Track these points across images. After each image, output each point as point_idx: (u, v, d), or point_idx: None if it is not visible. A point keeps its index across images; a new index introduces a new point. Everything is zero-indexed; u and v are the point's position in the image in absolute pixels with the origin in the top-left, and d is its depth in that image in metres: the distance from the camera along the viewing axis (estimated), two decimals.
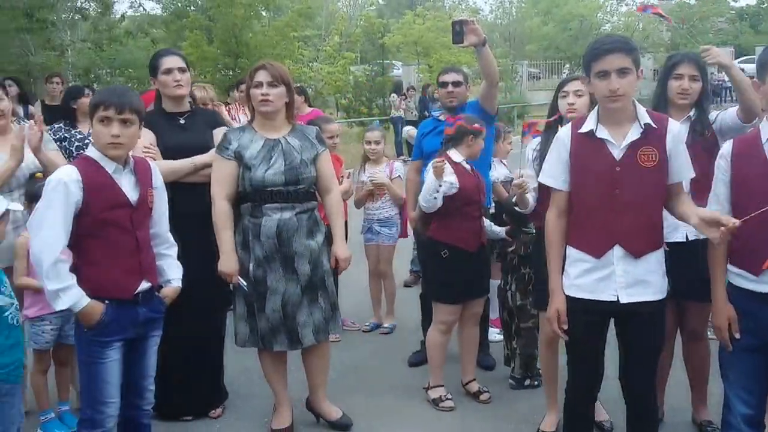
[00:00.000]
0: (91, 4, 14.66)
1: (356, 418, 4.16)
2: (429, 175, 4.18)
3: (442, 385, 4.45)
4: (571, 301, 3.11)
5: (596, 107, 3.11)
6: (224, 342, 4.38)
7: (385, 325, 5.88)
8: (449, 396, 4.41)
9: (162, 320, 3.27)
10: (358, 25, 25.45)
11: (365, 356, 5.30)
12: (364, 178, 5.81)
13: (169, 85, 4.11)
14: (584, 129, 3.06)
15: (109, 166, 3.05)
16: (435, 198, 4.15)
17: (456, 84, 4.89)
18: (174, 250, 3.36)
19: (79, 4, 14.37)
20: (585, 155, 3.06)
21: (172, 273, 3.33)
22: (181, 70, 4.13)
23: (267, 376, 4.10)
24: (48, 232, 2.94)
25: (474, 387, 4.53)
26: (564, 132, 3.17)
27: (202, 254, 3.82)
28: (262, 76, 3.83)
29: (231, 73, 16.11)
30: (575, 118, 3.35)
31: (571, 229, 3.14)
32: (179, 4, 19.49)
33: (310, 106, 7.03)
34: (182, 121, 4.18)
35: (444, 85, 4.92)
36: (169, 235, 3.35)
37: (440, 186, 4.13)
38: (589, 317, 3.09)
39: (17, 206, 3.37)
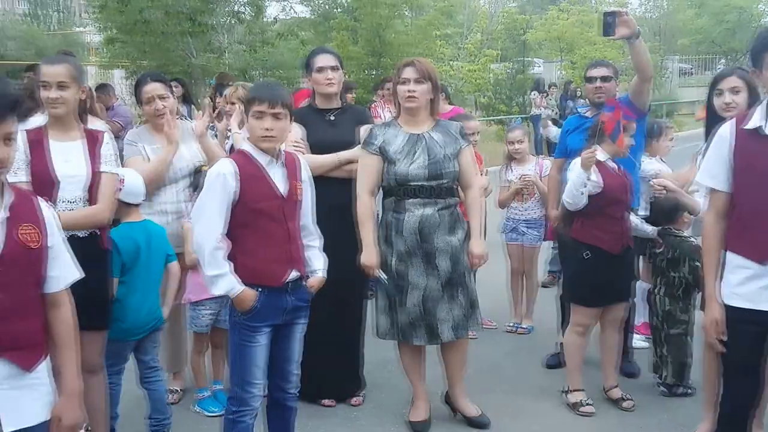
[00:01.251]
0: (246, 8, 15.35)
1: (492, 417, 4.16)
2: (575, 169, 4.09)
3: (582, 390, 4.37)
4: (730, 310, 2.96)
5: (765, 101, 2.91)
6: (364, 333, 4.50)
7: (524, 325, 5.84)
8: (589, 401, 4.32)
9: (308, 309, 3.39)
10: (500, 21, 25.20)
11: (502, 355, 5.29)
12: (511, 178, 5.78)
13: (320, 83, 4.28)
14: (750, 125, 2.89)
15: (263, 159, 3.20)
16: (582, 193, 4.05)
17: (605, 79, 4.76)
18: (318, 242, 3.47)
19: (235, 8, 15.08)
20: (751, 154, 2.88)
21: (317, 264, 3.44)
22: (333, 69, 4.28)
23: (405, 369, 4.19)
24: (207, 221, 3.13)
25: (616, 393, 4.41)
26: (726, 128, 2.98)
27: (344, 247, 3.94)
28: (409, 73, 3.90)
29: (374, 72, 16.40)
30: (737, 115, 3.18)
31: (731, 233, 2.97)
32: (326, 7, 20.05)
33: (450, 104, 7.07)
34: (332, 118, 4.33)
35: (591, 80, 4.80)
36: (315, 227, 3.46)
37: (588, 180, 4.03)
38: (749, 328, 2.91)
39: None
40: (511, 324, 5.86)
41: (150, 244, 3.76)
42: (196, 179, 4.30)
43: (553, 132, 6.99)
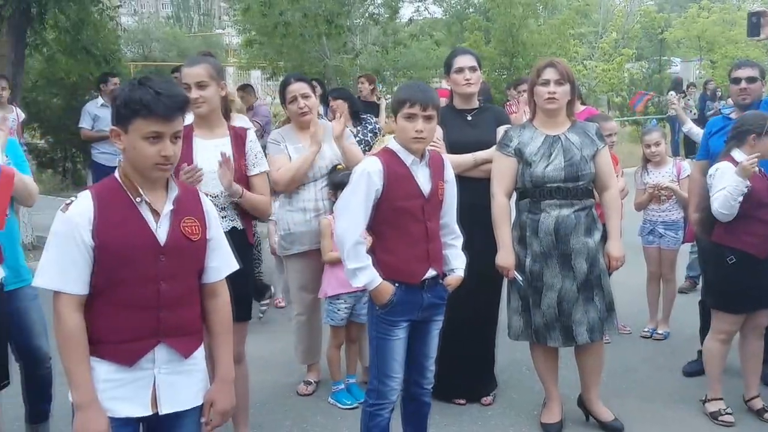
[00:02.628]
0: (380, 9, 15.60)
1: (626, 422, 4.08)
2: (728, 177, 3.92)
3: (722, 399, 4.21)
4: None
5: None
6: (496, 333, 4.52)
7: (660, 331, 5.67)
8: (729, 410, 4.16)
9: (444, 306, 3.43)
10: (637, 20, 24.36)
11: (637, 361, 5.16)
12: (648, 180, 5.64)
13: (459, 83, 4.32)
14: None
15: (407, 159, 3.25)
16: (738, 203, 3.90)
17: (750, 80, 4.56)
18: (459, 241, 3.50)
19: (370, 10, 15.36)
20: None
21: (457, 263, 3.46)
22: (472, 69, 4.31)
23: (538, 370, 4.18)
24: (351, 216, 3.21)
25: (758, 404, 4.22)
26: None
27: (480, 247, 3.97)
28: (549, 74, 3.88)
29: (506, 72, 16.29)
30: None
31: None
32: (458, 7, 20.11)
33: (582, 104, 6.94)
34: (470, 118, 4.37)
35: (737, 81, 4.61)
36: (456, 227, 3.49)
37: (746, 189, 3.87)
38: None
39: None
40: (647, 329, 5.70)
41: None
42: (331, 178, 4.46)
43: (695, 132, 6.72)
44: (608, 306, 3.96)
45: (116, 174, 2.38)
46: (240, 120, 4.27)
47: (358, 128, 5.90)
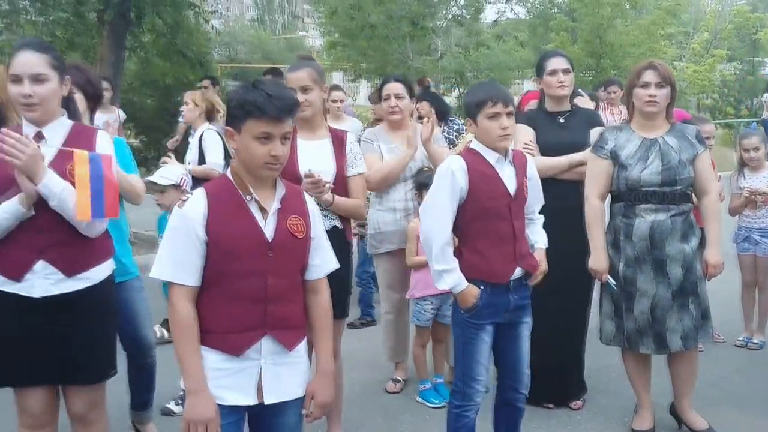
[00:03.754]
0: (463, 11, 15.61)
1: None
2: None
3: None
4: None
5: None
6: (586, 337, 4.47)
7: (755, 340, 5.50)
8: None
9: (530, 307, 3.41)
10: (730, 20, 23.58)
11: (730, 370, 5.01)
12: (744, 185, 5.48)
13: (552, 86, 4.30)
14: None
15: (492, 158, 3.25)
16: None
17: None
18: (540, 220, 3.48)
19: (453, 11, 15.41)
20: None
21: (537, 237, 3.44)
22: (565, 72, 4.28)
23: (630, 377, 4.11)
24: (437, 217, 3.23)
25: None
26: None
27: (572, 250, 3.95)
28: (650, 76, 3.82)
29: (593, 73, 16.03)
30: None
31: None
32: (542, 7, 19.87)
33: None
34: (562, 120, 4.34)
35: None
36: (537, 211, 3.47)
37: None
38: None
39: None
40: (742, 338, 5.54)
41: None
42: (417, 178, 4.50)
43: None
44: (703, 314, 3.87)
45: (228, 173, 2.48)
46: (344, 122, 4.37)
47: (444, 128, 5.94)
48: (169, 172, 4.47)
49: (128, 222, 3.94)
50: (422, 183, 4.44)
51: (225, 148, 5.39)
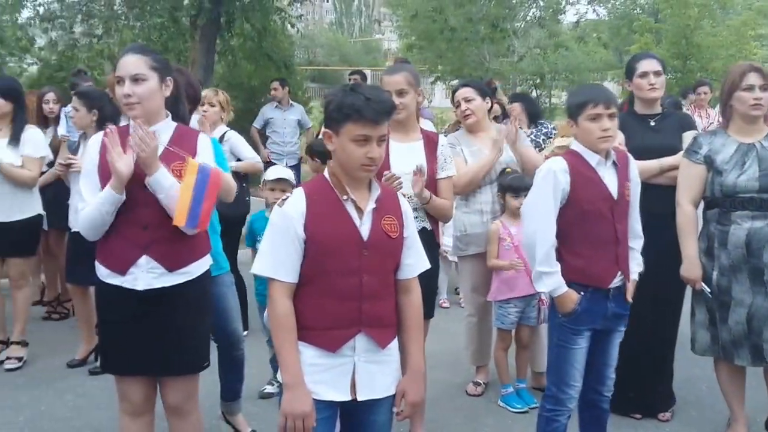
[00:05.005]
0: (541, 12, 15.44)
1: None
2: None
3: None
4: None
5: None
6: (675, 346, 4.36)
7: None
8: None
9: (627, 317, 3.36)
10: None
11: None
12: None
13: (643, 88, 4.21)
14: None
15: (593, 159, 3.21)
16: None
17: None
18: (639, 243, 3.41)
19: (533, 12, 15.28)
20: None
21: (632, 266, 3.36)
22: (656, 74, 4.19)
23: (723, 389, 3.99)
24: (540, 219, 3.21)
25: None
26: None
27: (664, 257, 3.86)
28: (754, 79, 3.70)
29: (678, 75, 15.62)
30: None
31: None
32: (623, 8, 19.47)
33: None
34: (653, 123, 4.24)
35: None
36: (639, 227, 3.40)
37: None
38: None
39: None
40: None
41: None
42: (500, 180, 4.49)
43: None
44: None
45: (326, 173, 2.53)
46: (426, 123, 4.41)
47: (533, 130, 5.89)
48: (281, 170, 4.62)
49: (218, 219, 4.04)
50: (506, 186, 4.42)
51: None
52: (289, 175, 4.56)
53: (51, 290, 6.39)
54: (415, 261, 2.63)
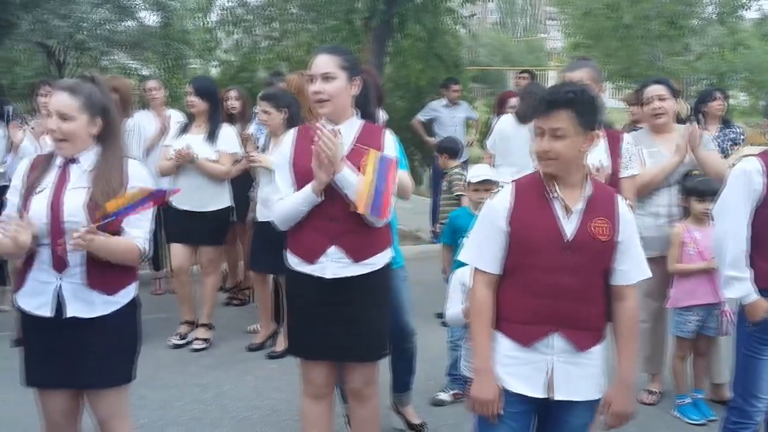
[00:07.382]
0: (720, 8, 14.60)
1: None
2: None
3: None
4: None
5: None
6: None
7: None
8: None
9: None
10: None
11: None
12: None
13: None
14: None
15: None
16: None
17: None
18: None
19: (710, 9, 14.46)
20: None
21: None
22: None
23: None
24: (732, 221, 3.09)
25: None
26: None
27: None
28: None
29: None
30: None
31: None
32: None
33: None
34: None
35: None
36: None
37: None
38: None
39: None
40: None
41: None
42: (685, 183, 4.34)
43: None
44: None
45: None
46: None
47: (718, 134, 5.62)
48: (485, 170, 4.58)
49: (397, 215, 4.16)
50: (690, 189, 4.26)
51: None
52: (493, 174, 4.49)
53: (232, 278, 6.81)
54: (629, 268, 2.54)
